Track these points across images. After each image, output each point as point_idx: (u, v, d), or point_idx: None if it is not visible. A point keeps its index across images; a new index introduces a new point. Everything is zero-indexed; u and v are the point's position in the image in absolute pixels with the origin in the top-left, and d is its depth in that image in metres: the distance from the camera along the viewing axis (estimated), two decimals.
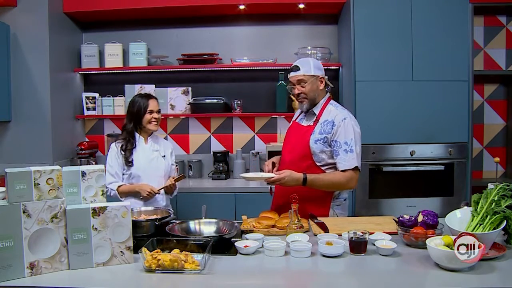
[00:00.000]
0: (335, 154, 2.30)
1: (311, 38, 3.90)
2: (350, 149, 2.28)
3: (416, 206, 3.26)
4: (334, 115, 2.33)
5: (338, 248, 1.70)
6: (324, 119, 2.33)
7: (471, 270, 1.51)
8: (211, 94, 3.88)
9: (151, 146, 2.72)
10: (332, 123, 2.30)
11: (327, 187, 2.30)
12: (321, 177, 2.26)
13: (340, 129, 2.28)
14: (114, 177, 2.63)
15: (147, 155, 2.68)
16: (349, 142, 2.28)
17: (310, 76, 2.30)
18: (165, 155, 2.75)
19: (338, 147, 2.29)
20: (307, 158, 2.31)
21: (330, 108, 2.37)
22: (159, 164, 2.70)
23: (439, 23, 3.29)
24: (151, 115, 2.65)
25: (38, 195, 1.57)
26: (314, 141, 2.30)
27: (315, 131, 2.32)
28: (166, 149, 2.78)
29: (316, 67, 2.32)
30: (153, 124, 2.67)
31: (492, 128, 3.88)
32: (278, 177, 2.16)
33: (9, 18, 3.37)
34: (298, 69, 2.30)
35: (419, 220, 1.88)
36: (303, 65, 2.31)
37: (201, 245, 1.69)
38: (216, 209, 2.98)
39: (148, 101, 2.67)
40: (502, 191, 1.74)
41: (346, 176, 2.27)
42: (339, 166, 2.28)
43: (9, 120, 3.41)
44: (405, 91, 3.31)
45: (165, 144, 2.82)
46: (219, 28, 3.96)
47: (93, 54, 3.85)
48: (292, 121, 2.55)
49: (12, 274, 1.51)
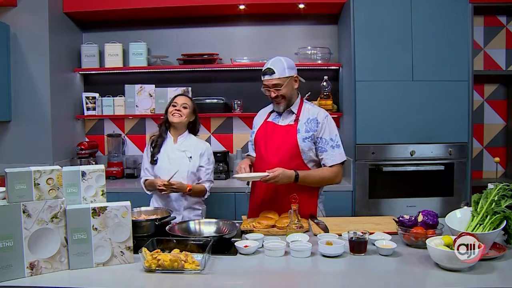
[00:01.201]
0: (320, 150, 2.34)
1: (311, 38, 3.90)
2: (337, 145, 2.34)
3: (416, 206, 3.26)
4: (316, 112, 2.37)
5: (338, 248, 1.70)
6: (305, 117, 2.36)
7: (471, 270, 1.52)
8: (211, 94, 3.88)
9: (178, 146, 2.65)
10: (316, 121, 2.34)
11: (317, 182, 2.35)
12: (311, 173, 2.31)
13: (325, 126, 2.33)
14: (144, 172, 2.70)
15: (171, 154, 2.62)
16: (334, 138, 2.35)
17: (285, 78, 2.28)
18: (193, 156, 2.63)
19: (325, 143, 2.33)
20: (296, 157, 2.33)
21: (307, 107, 2.41)
22: (182, 165, 2.59)
23: (439, 23, 3.29)
24: (174, 107, 2.64)
25: (38, 195, 1.57)
26: (302, 140, 2.32)
27: (301, 130, 2.33)
28: (197, 150, 2.65)
29: (289, 67, 2.30)
30: (173, 115, 2.62)
31: (492, 128, 3.87)
32: (273, 175, 2.16)
33: (9, 18, 3.37)
34: (273, 73, 2.26)
35: (419, 220, 1.88)
36: (277, 68, 2.27)
37: (201, 245, 1.69)
38: (216, 209, 2.99)
39: (176, 97, 2.70)
40: (502, 191, 1.74)
41: (334, 171, 2.33)
42: (327, 162, 2.33)
43: (9, 120, 3.41)
44: (405, 91, 3.31)
45: (198, 144, 2.69)
46: (219, 28, 3.96)
47: (93, 54, 3.85)
48: (264, 121, 2.47)
49: (12, 274, 1.51)
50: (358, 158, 3.33)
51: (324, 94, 3.68)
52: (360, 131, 3.32)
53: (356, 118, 3.32)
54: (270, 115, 2.48)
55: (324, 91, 3.69)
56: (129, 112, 3.85)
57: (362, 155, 3.34)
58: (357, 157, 3.33)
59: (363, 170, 3.34)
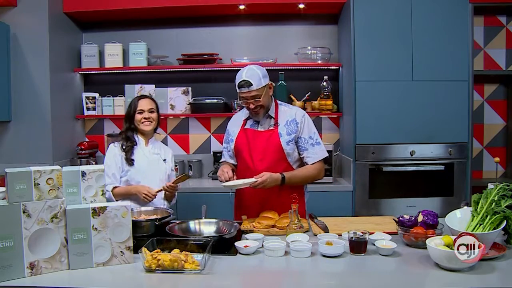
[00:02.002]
0: (302, 149, 2.38)
1: (311, 38, 3.90)
2: (316, 142, 2.38)
3: (416, 206, 3.26)
4: (293, 113, 2.40)
5: (338, 248, 1.70)
6: (284, 119, 2.38)
7: (471, 270, 1.52)
8: (211, 94, 3.88)
9: (151, 149, 2.63)
10: (295, 122, 2.37)
11: (302, 181, 2.41)
12: (296, 174, 2.35)
13: (304, 125, 2.37)
14: (111, 178, 2.49)
15: (147, 157, 2.59)
16: (313, 135, 2.38)
17: (263, 88, 2.28)
18: (166, 159, 2.67)
19: (304, 142, 2.37)
20: (282, 160, 2.35)
21: (283, 108, 2.43)
22: (160, 167, 2.61)
23: (439, 23, 3.29)
24: (141, 115, 2.54)
25: (38, 195, 1.57)
26: (286, 143, 2.34)
27: (282, 133, 2.35)
28: (167, 154, 2.70)
29: (263, 76, 2.29)
30: (144, 124, 2.55)
31: (492, 128, 3.87)
32: (261, 180, 2.18)
33: (9, 18, 3.37)
34: (250, 85, 2.24)
35: (419, 220, 1.88)
36: (253, 79, 2.25)
37: (201, 245, 1.69)
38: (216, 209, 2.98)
39: (138, 101, 2.57)
40: (502, 191, 1.74)
41: (317, 168, 2.38)
42: (309, 160, 2.37)
43: (9, 120, 3.41)
44: (405, 91, 3.30)
45: (165, 148, 2.73)
46: (219, 28, 3.96)
47: (93, 54, 3.85)
48: (242, 129, 2.44)
49: (12, 274, 1.51)
50: (358, 158, 3.33)
51: (324, 94, 3.69)
52: (360, 131, 3.32)
53: (356, 118, 3.32)
54: (247, 122, 2.45)
55: (324, 91, 3.69)
56: None
57: (362, 155, 3.34)
58: (357, 157, 3.33)
59: (363, 170, 3.34)
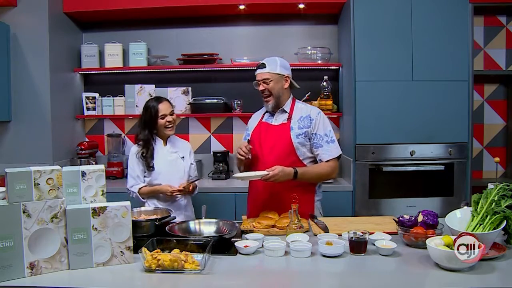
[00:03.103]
0: (316, 146, 2.37)
1: (311, 38, 3.90)
2: (331, 140, 2.39)
3: (416, 206, 3.26)
4: (308, 110, 2.42)
5: (338, 248, 1.70)
6: (298, 115, 2.40)
7: (471, 270, 1.52)
8: (211, 94, 3.88)
9: (170, 148, 2.68)
10: (309, 118, 2.38)
11: (315, 178, 2.39)
12: (309, 170, 2.34)
13: (319, 122, 2.38)
14: (136, 180, 2.64)
15: (166, 157, 2.65)
16: (328, 133, 2.39)
17: (275, 74, 2.36)
18: (184, 156, 2.72)
19: (319, 139, 2.37)
20: (291, 154, 2.35)
21: (300, 106, 2.46)
22: (178, 165, 2.67)
23: (439, 23, 3.28)
24: (164, 119, 2.60)
25: (38, 195, 1.57)
26: (295, 136, 2.35)
27: (293, 127, 2.37)
28: (185, 150, 2.75)
29: (282, 66, 2.39)
30: (168, 129, 2.63)
31: (492, 128, 3.87)
32: (273, 173, 2.18)
33: (9, 18, 3.37)
34: (264, 67, 2.36)
35: (419, 220, 1.88)
36: (270, 64, 2.37)
37: (201, 245, 1.69)
38: (216, 209, 2.99)
39: (159, 105, 2.59)
40: (502, 191, 1.74)
41: (331, 166, 2.37)
42: (323, 157, 2.36)
43: (9, 120, 3.41)
44: (405, 91, 3.30)
45: (183, 144, 2.78)
46: (219, 28, 3.96)
47: (93, 54, 3.85)
48: (259, 122, 2.51)
49: (12, 274, 1.51)
50: (358, 158, 3.33)
51: (324, 94, 3.68)
52: (360, 131, 3.32)
53: (356, 118, 3.32)
54: (264, 116, 2.53)
55: (324, 91, 3.69)
56: (129, 112, 3.85)
57: (362, 155, 3.34)
58: (357, 157, 3.33)
59: (363, 170, 3.34)
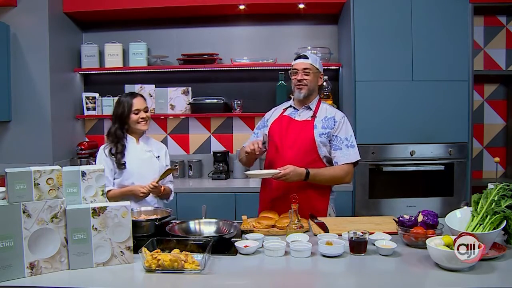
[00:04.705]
0: (335, 148, 2.37)
1: (311, 38, 3.90)
2: (351, 144, 2.39)
3: (416, 206, 3.26)
4: (333, 112, 2.43)
5: (338, 248, 1.70)
6: (322, 115, 2.41)
7: (471, 270, 1.51)
8: (211, 94, 3.88)
9: (143, 146, 2.55)
10: (333, 120, 2.39)
11: (327, 181, 2.36)
12: (322, 172, 2.32)
13: (342, 126, 2.38)
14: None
15: (140, 155, 2.51)
16: (349, 138, 2.39)
17: (315, 68, 2.41)
18: (159, 155, 2.58)
19: (340, 142, 2.37)
20: (313, 152, 2.34)
21: (325, 107, 2.46)
22: (153, 164, 2.54)
23: (439, 23, 3.29)
24: (138, 115, 2.47)
25: (38, 195, 1.57)
26: (319, 135, 2.35)
27: (317, 126, 2.37)
28: (160, 150, 2.61)
29: (320, 63, 2.45)
30: (141, 124, 2.49)
31: (492, 128, 3.88)
32: (284, 172, 2.18)
33: (9, 18, 3.37)
34: (307, 58, 2.39)
35: (419, 220, 1.88)
36: (311, 56, 2.42)
37: (201, 245, 1.69)
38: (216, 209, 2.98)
39: (133, 100, 2.47)
40: (502, 191, 1.74)
41: (345, 170, 2.35)
42: (340, 160, 2.36)
43: (9, 120, 3.41)
44: (405, 91, 3.31)
45: (158, 145, 2.65)
46: (219, 28, 3.96)
47: (93, 54, 3.85)
48: (280, 115, 2.48)
49: (12, 274, 1.51)
50: None
51: (324, 94, 3.68)
52: (360, 131, 3.32)
53: (356, 118, 3.32)
54: (287, 110, 2.50)
55: (324, 91, 3.68)
56: None
57: (362, 155, 3.25)
58: None
59: (363, 170, 3.34)
